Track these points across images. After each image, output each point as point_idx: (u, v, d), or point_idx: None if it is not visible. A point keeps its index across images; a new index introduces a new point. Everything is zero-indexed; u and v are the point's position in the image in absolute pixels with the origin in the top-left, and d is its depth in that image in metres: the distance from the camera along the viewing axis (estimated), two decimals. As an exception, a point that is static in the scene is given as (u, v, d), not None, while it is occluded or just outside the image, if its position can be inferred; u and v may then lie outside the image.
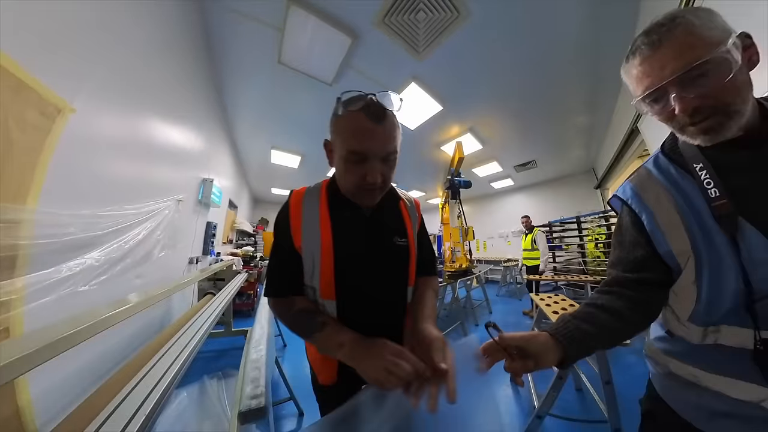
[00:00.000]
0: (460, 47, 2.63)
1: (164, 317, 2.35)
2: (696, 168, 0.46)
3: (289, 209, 0.63)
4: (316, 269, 0.60)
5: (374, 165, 0.53)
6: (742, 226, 0.41)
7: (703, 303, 0.45)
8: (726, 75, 0.38)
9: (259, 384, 0.82)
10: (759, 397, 0.41)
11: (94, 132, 1.40)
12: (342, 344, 0.53)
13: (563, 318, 0.50)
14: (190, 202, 2.86)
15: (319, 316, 0.59)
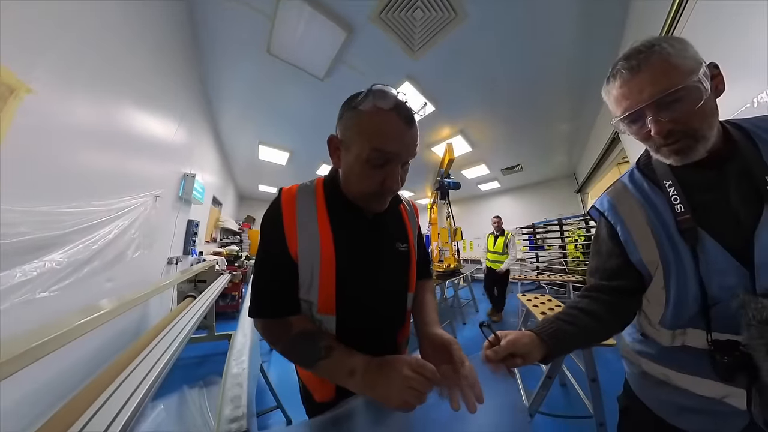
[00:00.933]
0: (456, 49, 2.60)
1: (140, 323, 2.16)
2: (666, 185, 0.51)
3: (280, 211, 0.53)
4: (315, 281, 0.51)
5: (395, 169, 0.49)
6: (702, 238, 0.46)
7: (671, 308, 0.49)
8: (697, 102, 0.42)
9: (240, 404, 0.72)
10: (721, 394, 0.45)
11: (58, 118, 1.23)
12: (353, 372, 0.46)
13: (547, 319, 0.54)
14: (170, 198, 2.65)
15: (321, 338, 0.50)
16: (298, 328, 0.52)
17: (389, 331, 0.61)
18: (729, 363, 0.42)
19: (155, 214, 2.26)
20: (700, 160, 0.47)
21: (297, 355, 0.51)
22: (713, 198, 0.47)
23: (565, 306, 0.58)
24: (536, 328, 0.53)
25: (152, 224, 2.20)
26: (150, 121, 2.12)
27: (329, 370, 0.48)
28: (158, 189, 2.30)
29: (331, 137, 0.54)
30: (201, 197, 3.22)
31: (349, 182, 0.54)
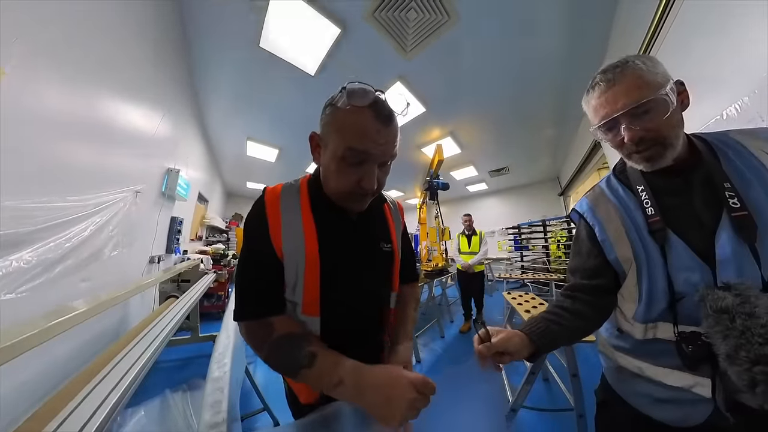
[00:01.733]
0: (448, 51, 2.61)
1: (120, 325, 2.05)
2: (638, 189, 0.56)
3: (264, 209, 0.51)
4: (299, 282, 0.50)
5: (372, 169, 0.48)
6: (670, 238, 0.50)
7: (643, 303, 0.52)
8: (665, 113, 0.47)
9: (220, 409, 0.67)
10: (689, 383, 0.48)
11: (29, 105, 1.14)
12: (341, 382, 0.43)
13: (535, 319, 0.57)
14: (152, 194, 2.52)
15: (304, 343, 0.47)
16: (280, 331, 0.48)
17: (373, 331, 0.60)
18: (693, 352, 0.45)
19: (136, 211, 2.15)
20: (669, 167, 0.52)
21: (278, 362, 0.48)
22: (680, 202, 0.52)
23: (551, 305, 0.62)
24: (525, 328, 0.56)
25: (132, 221, 2.09)
26: (131, 113, 2.01)
27: (313, 380, 0.45)
28: (139, 184, 2.19)
29: (313, 134, 0.53)
30: (185, 193, 3.10)
31: (326, 180, 0.53)
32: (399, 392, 0.41)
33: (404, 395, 0.41)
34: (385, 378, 0.43)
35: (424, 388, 0.42)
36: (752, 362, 0.36)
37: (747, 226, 0.44)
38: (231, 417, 0.68)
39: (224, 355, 0.99)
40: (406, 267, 0.70)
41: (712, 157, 0.51)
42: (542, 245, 5.14)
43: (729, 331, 0.39)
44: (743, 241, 0.44)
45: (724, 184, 0.48)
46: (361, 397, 0.42)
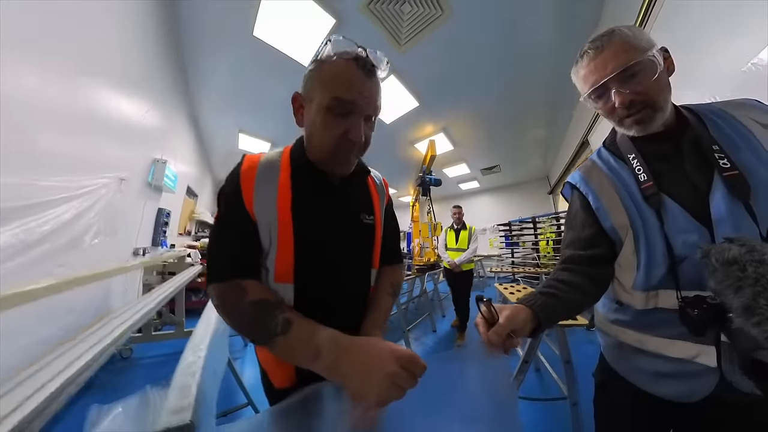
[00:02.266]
0: (441, 46, 2.61)
1: (97, 316, 1.96)
2: (629, 158, 0.56)
3: (239, 175, 0.49)
4: (273, 246, 0.47)
5: (358, 121, 0.47)
6: (665, 202, 0.49)
7: (642, 269, 0.51)
8: (653, 75, 0.48)
9: (188, 394, 0.61)
10: (692, 353, 0.47)
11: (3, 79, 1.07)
12: (318, 353, 0.39)
13: (532, 294, 0.53)
14: (137, 183, 2.44)
15: (279, 310, 0.43)
16: (254, 296, 0.44)
17: (352, 305, 0.57)
18: (699, 316, 0.42)
19: (120, 199, 2.06)
20: (658, 133, 0.53)
21: (249, 328, 0.44)
22: (671, 167, 0.52)
23: (547, 280, 0.58)
24: (527, 302, 0.52)
25: (116, 209, 2.01)
26: (116, 98, 1.93)
27: (288, 349, 0.41)
28: (123, 172, 2.10)
29: (296, 95, 0.51)
30: (173, 185, 3.00)
31: (311, 138, 0.50)
32: (379, 364, 0.36)
33: (384, 368, 0.35)
34: (366, 347, 0.39)
35: (410, 364, 0.36)
36: None
37: (739, 185, 0.44)
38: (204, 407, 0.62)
39: (202, 341, 0.93)
40: (388, 246, 0.65)
41: (699, 124, 0.51)
42: (532, 242, 5.21)
43: (742, 282, 0.36)
44: (737, 200, 0.44)
45: (713, 146, 0.48)
46: (337, 369, 0.38)
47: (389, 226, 0.67)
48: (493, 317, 0.45)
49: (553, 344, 1.74)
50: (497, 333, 0.43)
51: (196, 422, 0.53)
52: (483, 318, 0.46)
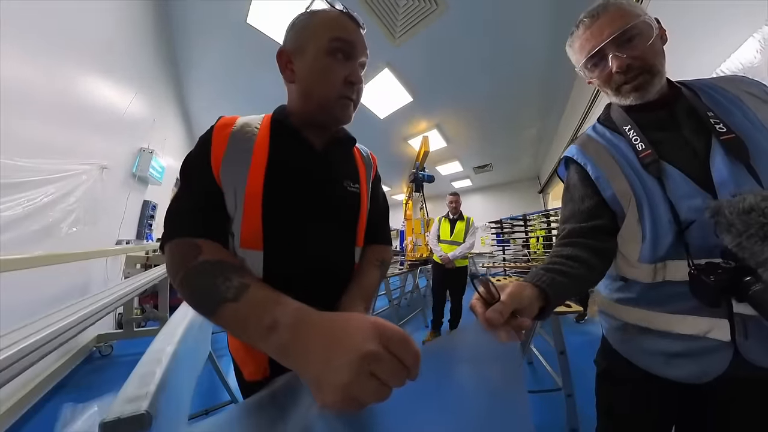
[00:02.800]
0: (436, 41, 2.60)
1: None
2: (626, 129, 0.54)
3: (211, 133, 0.46)
4: (239, 207, 0.43)
5: (357, 65, 0.47)
6: (665, 168, 0.48)
7: (648, 240, 0.49)
8: (648, 39, 0.49)
9: (148, 382, 0.54)
10: (704, 329, 0.44)
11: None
12: (274, 325, 0.29)
13: (537, 272, 0.49)
14: (120, 173, 2.34)
15: (239, 274, 0.35)
16: (208, 255, 0.37)
17: (334, 282, 0.50)
18: (716, 282, 0.39)
19: (101, 188, 1.97)
20: (653, 102, 0.52)
21: (196, 291, 0.35)
22: (668, 135, 0.51)
23: (550, 256, 0.53)
24: (532, 280, 0.47)
25: (97, 198, 1.92)
26: (99, 82, 1.84)
27: (237, 319, 0.32)
28: (106, 160, 2.01)
29: (281, 50, 0.49)
30: (160, 177, 2.90)
31: (311, 88, 0.47)
32: (352, 342, 0.25)
33: (359, 347, 0.24)
34: (339, 321, 0.28)
35: (398, 347, 0.25)
36: None
37: (738, 147, 0.44)
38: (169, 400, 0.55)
39: (176, 330, 0.85)
40: (375, 223, 0.60)
41: (691, 93, 0.52)
42: (523, 240, 5.27)
43: (767, 227, 0.34)
44: (738, 162, 0.43)
45: (707, 113, 0.48)
46: (293, 348, 0.28)
47: (377, 202, 0.62)
48: (492, 297, 0.38)
49: (546, 336, 1.74)
50: (498, 311, 0.36)
51: (154, 413, 0.46)
52: (481, 298, 0.39)
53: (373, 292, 0.53)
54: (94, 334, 2.03)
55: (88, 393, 1.55)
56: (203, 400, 1.51)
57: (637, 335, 0.53)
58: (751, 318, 0.41)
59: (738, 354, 0.43)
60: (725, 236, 0.38)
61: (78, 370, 1.82)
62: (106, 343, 2.07)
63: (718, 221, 0.39)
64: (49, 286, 1.48)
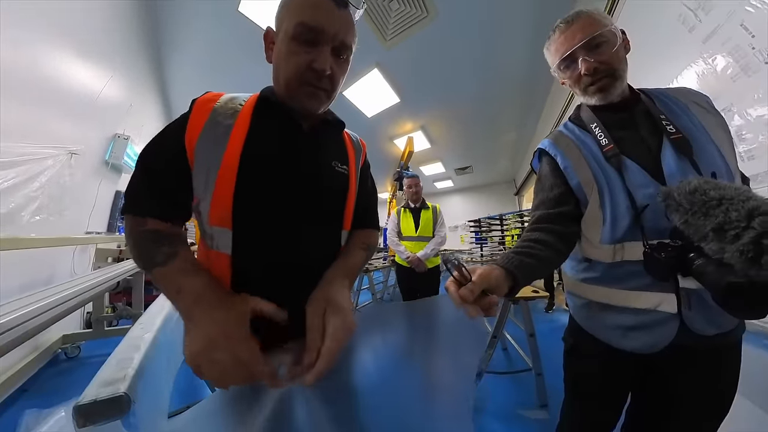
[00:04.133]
0: (425, 46, 2.66)
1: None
2: (592, 127, 0.60)
3: (191, 109, 0.44)
4: (210, 184, 0.41)
5: (325, 51, 0.43)
6: (624, 161, 0.55)
7: (608, 223, 0.54)
8: (613, 46, 0.55)
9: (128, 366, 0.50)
10: (655, 302, 0.50)
11: None
12: (180, 290, 0.36)
13: (507, 255, 0.53)
14: (92, 160, 2.15)
15: (172, 244, 0.40)
16: (155, 225, 0.41)
17: (317, 267, 0.47)
18: (666, 259, 0.44)
19: (69, 175, 1.81)
20: (616, 103, 0.59)
21: (138, 256, 0.40)
22: (629, 134, 0.57)
23: (520, 240, 0.58)
24: (501, 263, 0.50)
25: (64, 185, 1.76)
26: (71, 60, 1.68)
27: (163, 281, 0.38)
28: (75, 144, 1.84)
29: (267, 30, 0.48)
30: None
31: (277, 72, 0.45)
32: (214, 326, 0.33)
33: (212, 332, 0.33)
34: (227, 302, 0.36)
35: (243, 351, 0.33)
36: (748, 217, 0.34)
37: (684, 145, 0.51)
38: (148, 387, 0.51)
39: (154, 319, 0.79)
40: (364, 207, 0.58)
41: (648, 99, 0.60)
42: (499, 238, 5.50)
43: (709, 204, 0.38)
44: (684, 156, 0.50)
45: (660, 116, 0.55)
46: (188, 312, 0.35)
47: (365, 186, 0.60)
48: (465, 279, 0.41)
49: (518, 322, 1.85)
50: (469, 290, 0.39)
51: (134, 398, 0.43)
52: (455, 281, 0.42)
53: (357, 271, 0.52)
54: (59, 335, 1.84)
55: (53, 398, 1.41)
56: (183, 398, 1.44)
57: (600, 312, 0.58)
58: (694, 291, 0.47)
59: (683, 324, 0.49)
60: (674, 215, 0.43)
61: (41, 373, 1.65)
62: (73, 344, 1.89)
63: (669, 203, 0.44)
64: (2, 279, 1.34)
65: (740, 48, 0.88)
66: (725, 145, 0.52)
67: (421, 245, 1.95)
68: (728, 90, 0.93)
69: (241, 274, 0.43)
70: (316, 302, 0.40)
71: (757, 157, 0.86)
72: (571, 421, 0.69)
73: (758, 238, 0.33)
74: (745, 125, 0.89)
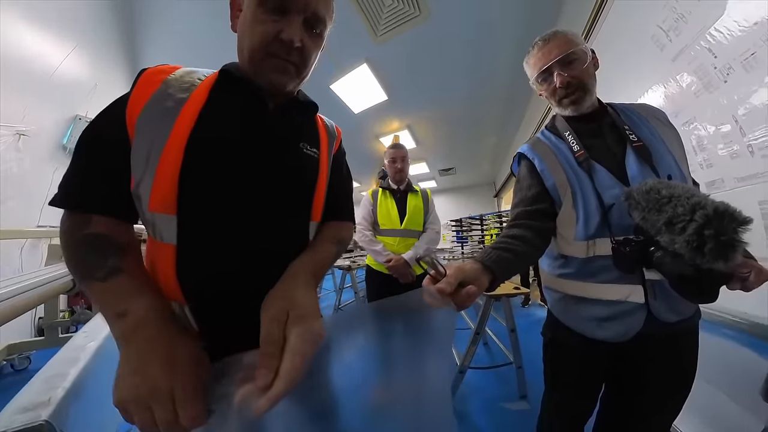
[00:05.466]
0: (416, 45, 2.66)
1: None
2: (566, 135, 0.66)
3: (134, 85, 0.37)
4: (152, 162, 0.34)
5: (295, 20, 0.38)
6: (594, 166, 0.61)
7: (581, 221, 0.59)
8: (584, 63, 0.62)
9: (57, 385, 0.41)
10: (625, 294, 0.55)
11: None
12: (124, 313, 0.30)
13: (486, 250, 0.55)
14: (46, 143, 1.91)
15: (119, 256, 0.33)
16: (98, 228, 0.34)
17: (281, 261, 0.41)
18: (630, 252, 0.50)
19: (16, 159, 1.59)
20: (587, 115, 0.66)
21: (74, 265, 0.34)
22: (597, 142, 0.64)
23: (500, 236, 0.61)
24: (479, 258, 0.51)
25: (9, 171, 1.54)
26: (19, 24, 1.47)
27: (101, 299, 0.32)
28: (23, 125, 1.62)
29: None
30: (98, 153, 2.44)
31: (242, 41, 0.41)
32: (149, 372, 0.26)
33: (149, 379, 0.26)
34: (166, 341, 0.29)
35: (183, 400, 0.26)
36: (692, 212, 0.39)
37: (644, 152, 0.58)
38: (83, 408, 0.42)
39: (101, 326, 0.67)
40: (337, 196, 0.52)
41: (614, 112, 0.67)
42: (479, 238, 5.67)
43: (661, 201, 0.44)
44: (644, 162, 0.57)
45: (624, 126, 0.62)
46: (125, 340, 0.29)
47: (339, 174, 0.54)
48: (441, 274, 0.41)
49: (499, 318, 1.90)
50: (446, 282, 0.39)
51: (60, 425, 0.35)
52: (431, 278, 0.42)
53: (326, 268, 0.46)
54: (3, 344, 1.62)
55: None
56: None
57: (575, 305, 0.62)
58: (658, 282, 0.52)
59: (650, 313, 0.53)
60: (634, 213, 0.48)
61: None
62: (21, 354, 1.67)
63: (630, 202, 0.49)
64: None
65: (704, 67, 0.94)
66: (679, 153, 0.60)
67: (407, 243, 1.36)
68: (691, 105, 1.00)
69: (188, 270, 0.36)
70: (274, 303, 0.33)
71: (715, 165, 0.93)
72: (551, 411, 0.73)
73: (700, 230, 0.38)
74: (706, 137, 0.96)
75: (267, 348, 0.29)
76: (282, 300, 0.33)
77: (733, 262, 0.38)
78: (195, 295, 0.37)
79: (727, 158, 0.88)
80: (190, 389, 0.27)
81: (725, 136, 0.88)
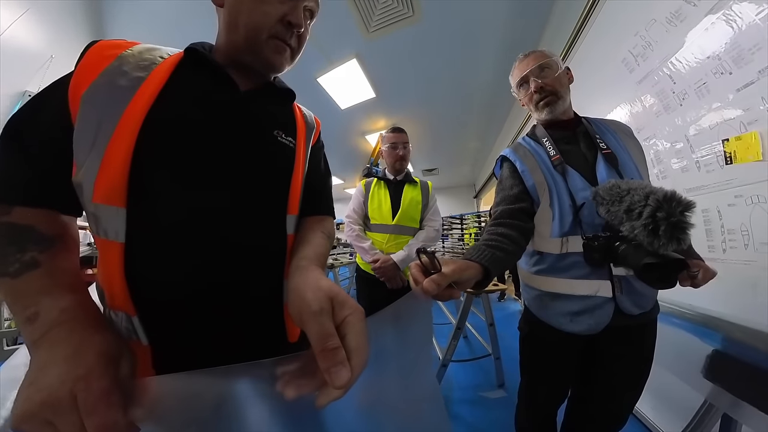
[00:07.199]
0: (407, 44, 2.69)
1: None
2: (544, 140, 0.73)
3: (81, 57, 0.33)
4: (99, 146, 0.30)
5: (300, 5, 0.39)
6: (567, 169, 0.67)
7: (557, 219, 0.64)
8: (556, 71, 0.72)
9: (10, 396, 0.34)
10: (595, 289, 0.60)
11: None
12: (34, 317, 0.25)
13: (478, 247, 0.54)
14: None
15: (39, 247, 0.29)
16: (18, 218, 0.29)
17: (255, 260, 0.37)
18: (598, 246, 0.56)
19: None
20: (563, 123, 0.74)
21: None
22: (572, 148, 0.71)
23: (486, 234, 0.62)
24: (474, 257, 0.51)
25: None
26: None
27: (11, 300, 0.27)
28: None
29: None
30: (55, 133, 2.18)
31: (236, 17, 0.37)
32: (47, 378, 0.21)
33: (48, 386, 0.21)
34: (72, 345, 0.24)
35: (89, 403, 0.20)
36: (646, 198, 0.47)
37: (612, 158, 0.66)
38: None
39: None
40: (317, 191, 0.49)
41: (587, 123, 0.75)
42: (459, 236, 5.89)
43: (621, 194, 0.51)
44: (612, 167, 0.65)
45: (596, 136, 0.71)
46: (35, 346, 0.24)
47: (318, 167, 0.51)
48: (434, 267, 0.37)
49: (478, 312, 2.00)
50: (436, 281, 0.36)
51: None
52: (421, 266, 0.39)
53: (325, 259, 0.43)
54: None
55: None
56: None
57: (550, 301, 0.67)
58: (624, 278, 0.59)
59: (617, 307, 0.59)
60: (600, 209, 0.55)
61: None
62: None
63: (597, 200, 0.56)
64: None
65: (664, 91, 1.06)
66: (641, 162, 0.69)
67: (400, 242, 1.21)
68: (652, 123, 1.13)
69: (138, 273, 0.30)
70: (316, 295, 0.27)
71: (668, 176, 1.06)
72: (527, 401, 0.78)
73: (653, 212, 0.45)
74: (662, 152, 1.08)
75: (328, 342, 0.24)
76: (318, 291, 0.28)
77: (685, 245, 0.44)
78: (146, 303, 0.31)
79: (678, 171, 1.01)
80: (99, 393, 0.21)
81: (678, 152, 1.00)
